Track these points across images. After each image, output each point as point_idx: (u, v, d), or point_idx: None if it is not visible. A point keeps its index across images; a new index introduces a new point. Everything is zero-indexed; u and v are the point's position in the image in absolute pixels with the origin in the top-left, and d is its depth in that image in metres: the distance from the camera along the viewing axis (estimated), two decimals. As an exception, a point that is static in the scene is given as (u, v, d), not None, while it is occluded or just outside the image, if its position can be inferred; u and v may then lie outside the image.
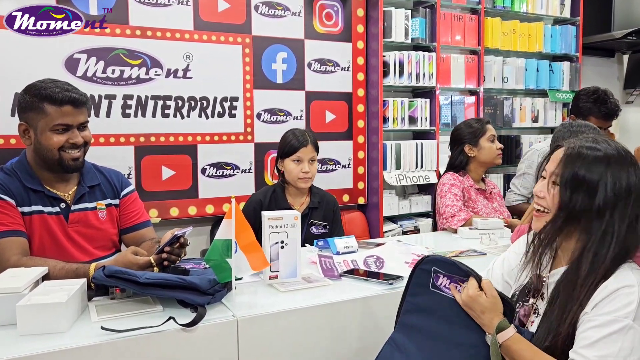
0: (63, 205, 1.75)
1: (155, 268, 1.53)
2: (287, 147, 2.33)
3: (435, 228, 2.80)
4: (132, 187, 1.97)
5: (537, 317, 1.23)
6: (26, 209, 1.70)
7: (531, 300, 1.26)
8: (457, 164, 2.68)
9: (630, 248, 1.15)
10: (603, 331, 1.05)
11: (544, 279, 1.25)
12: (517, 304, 1.28)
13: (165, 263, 1.54)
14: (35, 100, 1.66)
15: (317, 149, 2.38)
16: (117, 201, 1.90)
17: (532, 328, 1.22)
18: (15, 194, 1.68)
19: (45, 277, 1.45)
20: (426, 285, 1.24)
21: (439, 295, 1.22)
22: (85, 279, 1.42)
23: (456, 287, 1.21)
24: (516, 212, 2.88)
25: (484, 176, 2.77)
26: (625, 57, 4.71)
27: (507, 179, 3.77)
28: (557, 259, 1.22)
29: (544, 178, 1.24)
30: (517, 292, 1.32)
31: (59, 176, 1.76)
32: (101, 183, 1.87)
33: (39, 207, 1.72)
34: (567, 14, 4.01)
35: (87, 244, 1.79)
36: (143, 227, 1.93)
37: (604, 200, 1.14)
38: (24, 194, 1.70)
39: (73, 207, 1.77)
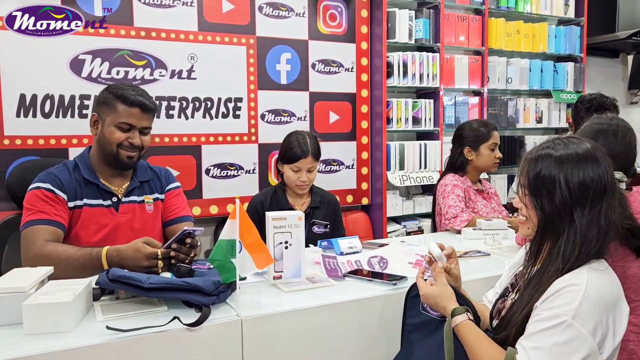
0: (115, 199, 1.87)
1: (160, 262, 1.55)
2: (288, 154, 2.32)
3: (434, 229, 2.80)
4: (178, 183, 2.07)
5: None
6: (79, 202, 1.81)
7: (511, 296, 1.30)
8: (458, 165, 2.68)
9: (595, 245, 1.15)
10: (542, 325, 1.10)
11: (525, 275, 1.29)
12: (500, 300, 1.34)
13: (173, 261, 1.55)
14: (110, 96, 1.82)
15: (317, 158, 2.36)
16: (162, 196, 2.00)
17: None
18: (68, 189, 1.79)
19: (51, 277, 1.46)
20: (417, 308, 1.41)
21: (426, 316, 1.39)
22: (90, 279, 1.42)
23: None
24: (515, 208, 2.88)
25: (485, 176, 2.76)
26: (630, 58, 4.70)
27: (510, 180, 3.77)
28: (539, 259, 1.25)
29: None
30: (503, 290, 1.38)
31: (115, 171, 1.89)
32: (151, 179, 1.98)
33: (90, 201, 1.83)
34: (571, 14, 4.01)
35: (135, 236, 1.80)
36: (182, 221, 1.99)
37: (562, 199, 1.16)
38: (77, 188, 1.81)
39: (123, 200, 1.88)
